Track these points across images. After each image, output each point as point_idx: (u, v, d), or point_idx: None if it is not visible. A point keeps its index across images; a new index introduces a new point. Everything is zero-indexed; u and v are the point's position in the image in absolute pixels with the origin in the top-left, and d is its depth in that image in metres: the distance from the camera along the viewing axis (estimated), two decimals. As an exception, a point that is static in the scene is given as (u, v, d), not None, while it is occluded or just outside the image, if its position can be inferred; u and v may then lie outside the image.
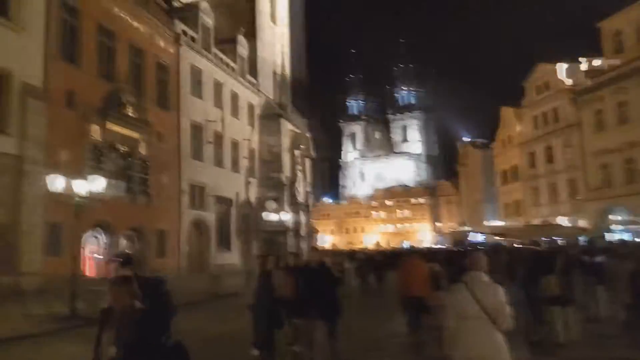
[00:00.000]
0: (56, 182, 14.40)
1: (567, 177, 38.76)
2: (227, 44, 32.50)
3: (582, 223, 33.48)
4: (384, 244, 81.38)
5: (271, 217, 33.75)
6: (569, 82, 38.69)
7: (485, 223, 54.59)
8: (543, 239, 24.62)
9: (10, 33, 16.07)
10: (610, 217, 32.94)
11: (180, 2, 31.88)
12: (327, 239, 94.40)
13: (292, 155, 37.95)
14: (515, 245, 23.76)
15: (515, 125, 46.59)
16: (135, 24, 23.32)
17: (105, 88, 20.83)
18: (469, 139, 77.45)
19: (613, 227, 31.83)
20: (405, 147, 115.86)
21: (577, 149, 37.03)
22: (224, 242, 30.80)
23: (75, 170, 16.99)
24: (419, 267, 8.32)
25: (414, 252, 10.36)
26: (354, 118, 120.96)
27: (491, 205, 56.04)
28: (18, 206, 15.97)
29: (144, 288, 3.81)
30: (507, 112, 48.79)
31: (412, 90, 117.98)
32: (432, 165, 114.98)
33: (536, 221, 38.63)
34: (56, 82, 18.05)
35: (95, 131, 20.06)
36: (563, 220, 35.67)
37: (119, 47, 22.07)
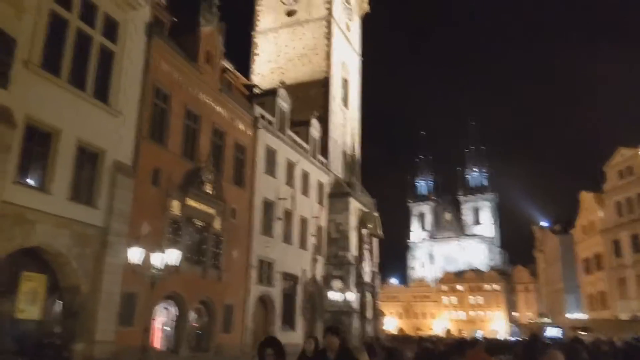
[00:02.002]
0: (136, 254, 15.32)
1: (658, 269, 35.72)
2: (301, 126, 34.19)
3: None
4: (455, 332, 76.92)
5: (336, 296, 33.25)
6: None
7: (567, 315, 50.51)
8: (633, 337, 22.44)
9: (107, 116, 17.82)
10: None
11: (260, 89, 34.37)
12: (393, 323, 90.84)
13: (360, 234, 37.85)
14: (598, 340, 21.78)
15: (596, 210, 44.08)
16: (219, 108, 25.20)
17: (187, 166, 22.29)
18: (546, 223, 73.66)
19: None
20: (477, 230, 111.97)
21: (669, 239, 34.33)
22: (289, 321, 30.52)
23: (153, 243, 17.97)
24: None
25: (479, 343, 9.76)
26: (423, 198, 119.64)
27: (573, 296, 52.02)
28: (100, 276, 16.87)
29: None
30: (587, 197, 46.45)
31: (484, 172, 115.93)
32: (506, 249, 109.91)
33: (624, 316, 35.33)
34: (144, 161, 19.56)
35: (174, 206, 21.21)
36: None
37: (202, 129, 23.77)
